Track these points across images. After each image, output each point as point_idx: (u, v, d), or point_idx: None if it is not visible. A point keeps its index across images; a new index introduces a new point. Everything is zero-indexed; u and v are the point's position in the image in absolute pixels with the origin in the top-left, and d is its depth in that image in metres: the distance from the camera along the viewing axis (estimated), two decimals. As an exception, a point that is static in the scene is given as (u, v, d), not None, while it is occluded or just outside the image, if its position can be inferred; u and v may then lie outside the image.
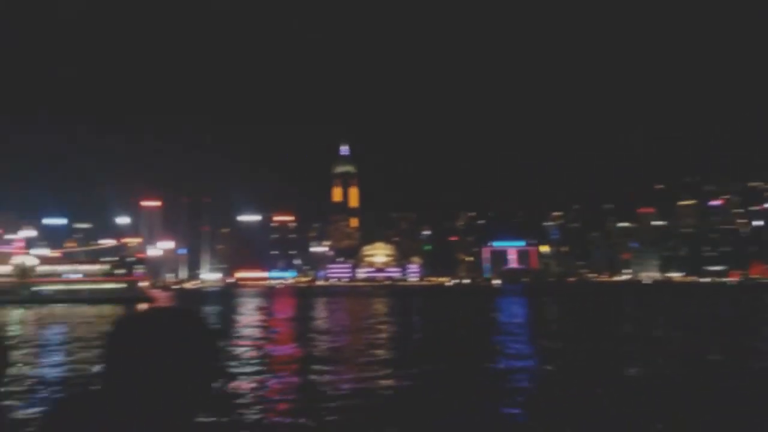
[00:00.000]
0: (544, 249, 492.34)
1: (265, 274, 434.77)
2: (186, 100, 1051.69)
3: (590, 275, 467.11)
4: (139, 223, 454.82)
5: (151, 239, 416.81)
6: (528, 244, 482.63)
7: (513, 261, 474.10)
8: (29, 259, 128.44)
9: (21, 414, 15.70)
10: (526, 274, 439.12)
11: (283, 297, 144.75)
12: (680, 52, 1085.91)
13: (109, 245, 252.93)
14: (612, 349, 30.94)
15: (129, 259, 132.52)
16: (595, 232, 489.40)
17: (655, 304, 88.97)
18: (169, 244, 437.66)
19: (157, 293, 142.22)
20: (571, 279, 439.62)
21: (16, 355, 28.24)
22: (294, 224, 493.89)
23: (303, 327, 44.41)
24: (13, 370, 22.78)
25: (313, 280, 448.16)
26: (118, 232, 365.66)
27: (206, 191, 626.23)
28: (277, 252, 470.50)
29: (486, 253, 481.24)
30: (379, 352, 30.61)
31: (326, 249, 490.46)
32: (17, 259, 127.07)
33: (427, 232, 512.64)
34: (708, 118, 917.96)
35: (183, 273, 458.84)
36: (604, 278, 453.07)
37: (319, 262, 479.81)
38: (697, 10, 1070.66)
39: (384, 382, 21.57)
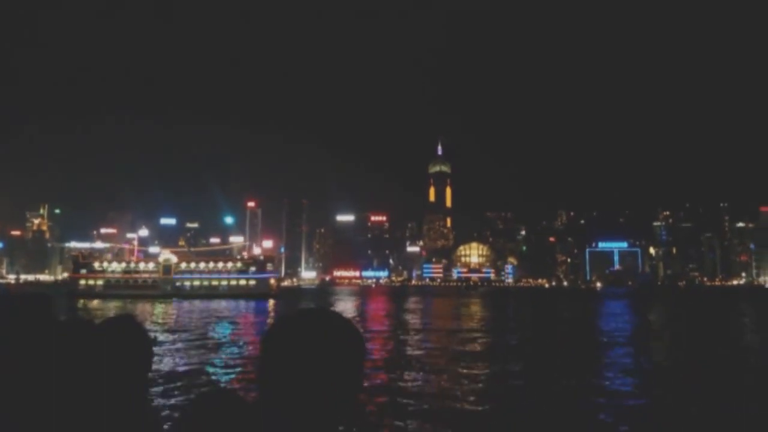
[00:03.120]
0: (652, 250, 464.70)
1: (360, 273, 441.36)
2: (286, 104, 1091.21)
3: (701, 279, 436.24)
4: (243, 223, 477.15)
5: (254, 238, 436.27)
6: (633, 245, 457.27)
7: (616, 263, 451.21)
8: (172, 257, 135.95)
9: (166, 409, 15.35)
10: (630, 277, 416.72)
11: (376, 297, 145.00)
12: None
13: (216, 245, 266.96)
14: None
15: (261, 258, 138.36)
16: (708, 233, 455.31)
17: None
18: (270, 244, 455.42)
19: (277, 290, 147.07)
20: (681, 283, 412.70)
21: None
22: (388, 224, 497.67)
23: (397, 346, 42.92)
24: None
25: (407, 280, 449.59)
26: (224, 232, 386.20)
27: (306, 192, 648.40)
28: (371, 251, 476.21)
29: (587, 255, 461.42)
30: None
31: (420, 249, 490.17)
32: (162, 256, 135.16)
33: (524, 233, 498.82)
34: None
35: (281, 271, 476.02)
36: (717, 282, 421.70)
37: (413, 261, 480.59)
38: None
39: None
